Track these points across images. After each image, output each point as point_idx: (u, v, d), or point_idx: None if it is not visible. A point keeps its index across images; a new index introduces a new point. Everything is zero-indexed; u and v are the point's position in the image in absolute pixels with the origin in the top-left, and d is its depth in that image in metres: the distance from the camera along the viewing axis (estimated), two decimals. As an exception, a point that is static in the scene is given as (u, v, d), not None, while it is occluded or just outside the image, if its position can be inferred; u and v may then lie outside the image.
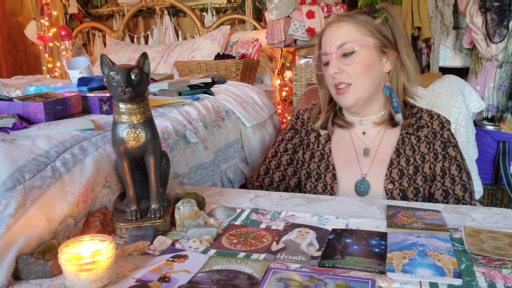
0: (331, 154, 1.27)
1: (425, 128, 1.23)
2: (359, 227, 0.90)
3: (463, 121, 1.80)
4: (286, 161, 1.33)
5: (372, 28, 1.18)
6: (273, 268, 0.73)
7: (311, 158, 1.30)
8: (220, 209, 0.97)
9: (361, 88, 1.19)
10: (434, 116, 1.25)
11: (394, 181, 1.19)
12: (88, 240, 0.72)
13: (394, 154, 1.21)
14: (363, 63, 1.17)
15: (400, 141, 1.23)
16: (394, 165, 1.20)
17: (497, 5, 2.04)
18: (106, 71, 0.81)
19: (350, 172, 1.23)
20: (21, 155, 0.82)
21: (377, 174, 1.21)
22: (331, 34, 1.20)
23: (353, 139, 1.27)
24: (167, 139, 1.21)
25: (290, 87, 3.21)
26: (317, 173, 1.27)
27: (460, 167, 1.21)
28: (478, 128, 2.22)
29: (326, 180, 1.24)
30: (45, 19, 3.56)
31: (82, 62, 1.55)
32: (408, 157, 1.21)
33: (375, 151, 1.24)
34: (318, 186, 1.25)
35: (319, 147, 1.29)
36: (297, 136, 1.34)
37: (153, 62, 3.20)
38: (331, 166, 1.25)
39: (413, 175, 1.20)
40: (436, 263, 0.73)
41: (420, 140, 1.22)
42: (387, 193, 1.19)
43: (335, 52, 1.17)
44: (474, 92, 1.86)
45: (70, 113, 1.15)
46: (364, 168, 1.23)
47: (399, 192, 1.19)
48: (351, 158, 1.25)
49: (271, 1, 2.59)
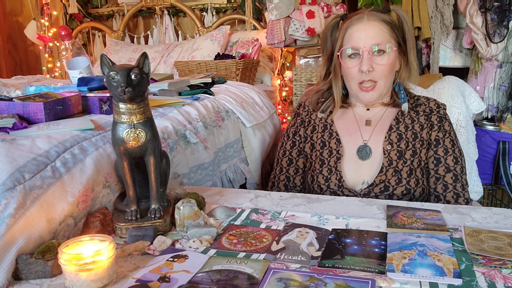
0: (333, 123, 1.33)
1: (423, 106, 1.32)
2: (359, 227, 0.90)
3: (463, 122, 1.80)
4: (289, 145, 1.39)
5: (396, 30, 1.25)
6: (273, 268, 0.73)
7: (313, 131, 1.36)
8: (220, 209, 0.97)
9: (384, 87, 1.27)
10: (431, 99, 1.35)
11: (392, 143, 1.25)
12: (88, 240, 0.72)
13: (394, 121, 1.29)
14: (390, 63, 1.24)
15: (400, 113, 1.30)
16: (393, 130, 1.27)
17: (497, 5, 2.04)
18: (106, 71, 0.81)
19: (352, 139, 1.29)
20: (21, 155, 0.82)
21: (377, 139, 1.27)
22: (364, 30, 1.23)
23: (355, 113, 1.34)
24: (167, 139, 1.21)
25: (290, 87, 3.20)
26: (322, 141, 1.32)
27: (453, 142, 1.28)
28: (478, 128, 2.22)
29: (331, 145, 1.30)
30: (45, 19, 3.56)
31: (82, 62, 1.55)
32: (407, 124, 1.28)
33: (377, 122, 1.30)
34: (324, 152, 1.30)
35: (322, 120, 1.35)
36: (298, 118, 1.40)
37: (153, 62, 3.20)
38: (335, 133, 1.31)
39: (412, 140, 1.26)
40: (436, 263, 0.73)
41: (419, 114, 1.30)
42: (384, 153, 1.24)
43: (369, 50, 1.21)
44: (474, 93, 1.86)
45: (70, 113, 1.15)
46: (365, 135, 1.28)
47: (397, 152, 1.24)
48: (353, 128, 1.31)
49: (271, 1, 2.59)
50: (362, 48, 1.22)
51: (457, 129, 1.82)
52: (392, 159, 1.23)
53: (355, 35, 1.24)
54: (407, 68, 1.30)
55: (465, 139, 1.81)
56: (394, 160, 1.22)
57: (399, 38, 1.26)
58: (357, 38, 1.23)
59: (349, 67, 1.25)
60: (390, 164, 1.22)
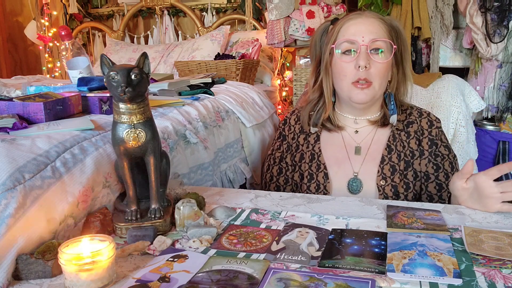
0: (321, 153, 1.26)
1: (415, 124, 1.24)
2: (359, 227, 0.90)
3: (463, 121, 1.80)
4: (276, 171, 1.34)
5: (394, 33, 1.18)
6: (273, 268, 0.73)
7: (301, 159, 1.29)
8: (220, 209, 0.97)
9: (378, 89, 1.17)
10: (424, 114, 1.26)
11: (386, 177, 1.19)
12: (88, 240, 0.72)
13: (385, 151, 1.21)
14: (387, 64, 1.16)
15: (391, 138, 1.23)
16: (386, 162, 1.20)
17: (497, 5, 2.05)
18: (106, 71, 0.81)
19: (342, 171, 1.23)
20: (21, 155, 0.82)
21: (369, 171, 1.21)
22: (362, 24, 1.15)
23: (344, 138, 1.26)
24: (167, 139, 1.21)
25: (290, 87, 3.21)
26: (309, 174, 1.26)
27: (452, 165, 1.23)
28: (478, 128, 2.22)
29: (319, 179, 1.24)
30: (45, 19, 3.56)
31: (82, 62, 1.55)
32: (399, 152, 1.21)
33: (367, 150, 1.23)
34: (311, 186, 1.25)
35: (309, 148, 1.28)
36: (284, 143, 1.34)
37: (153, 62, 3.20)
38: (322, 165, 1.24)
39: (404, 171, 1.20)
40: (436, 263, 0.73)
41: (410, 136, 1.23)
42: (379, 189, 1.18)
43: (367, 44, 1.13)
44: (474, 92, 1.86)
45: (70, 113, 1.15)
46: (355, 166, 1.22)
47: (391, 188, 1.18)
48: (342, 157, 1.24)
49: (271, 1, 2.59)
50: (360, 43, 1.13)
51: (457, 129, 1.82)
52: (387, 195, 1.18)
53: (352, 28, 1.15)
54: (400, 78, 1.23)
55: (465, 139, 1.82)
56: (390, 197, 1.18)
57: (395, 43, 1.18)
58: (355, 32, 1.14)
59: (344, 62, 1.15)
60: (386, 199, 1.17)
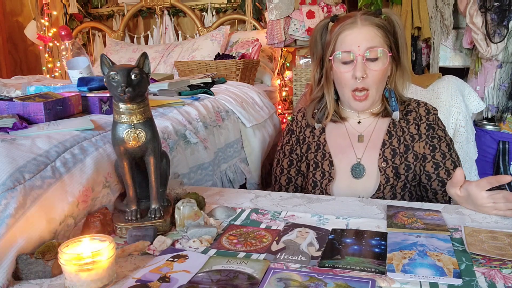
0: (326, 143, 1.32)
1: (413, 112, 1.29)
2: (359, 227, 0.90)
3: (462, 121, 1.80)
4: (287, 163, 1.38)
5: (389, 35, 1.22)
6: (273, 268, 0.73)
7: (307, 150, 1.35)
8: (220, 209, 0.97)
9: (376, 94, 1.24)
10: (421, 103, 1.31)
11: (387, 160, 1.24)
12: (88, 240, 0.72)
13: (386, 136, 1.27)
14: (384, 70, 1.21)
15: (391, 124, 1.28)
16: (387, 146, 1.26)
17: (497, 5, 2.04)
18: (106, 71, 0.81)
19: (346, 158, 1.28)
20: (21, 155, 0.82)
21: (371, 156, 1.26)
22: (358, 34, 1.19)
23: (347, 128, 1.32)
24: (167, 139, 1.21)
25: (290, 87, 3.20)
26: (315, 162, 1.31)
27: (449, 146, 1.26)
28: (478, 128, 2.22)
29: (324, 167, 1.29)
30: (45, 19, 3.56)
31: (82, 62, 1.55)
32: (399, 137, 1.27)
33: (369, 137, 1.28)
34: (317, 174, 1.29)
35: (315, 139, 1.34)
36: (293, 136, 1.39)
37: (153, 62, 3.20)
38: (327, 154, 1.30)
39: (404, 153, 1.25)
40: (436, 263, 0.73)
41: (409, 123, 1.28)
42: (381, 171, 1.23)
43: (363, 54, 1.18)
44: (474, 93, 1.86)
45: (70, 113, 1.15)
46: (359, 153, 1.27)
47: (392, 169, 1.23)
48: (345, 145, 1.29)
49: (271, 1, 2.59)
50: (356, 53, 1.18)
51: (457, 129, 1.82)
52: (388, 176, 1.22)
53: (348, 39, 1.20)
54: (399, 73, 1.27)
55: (465, 139, 1.82)
56: (390, 177, 1.22)
57: (391, 43, 1.22)
58: (350, 42, 1.19)
59: (342, 72, 1.21)
60: (387, 181, 1.22)
